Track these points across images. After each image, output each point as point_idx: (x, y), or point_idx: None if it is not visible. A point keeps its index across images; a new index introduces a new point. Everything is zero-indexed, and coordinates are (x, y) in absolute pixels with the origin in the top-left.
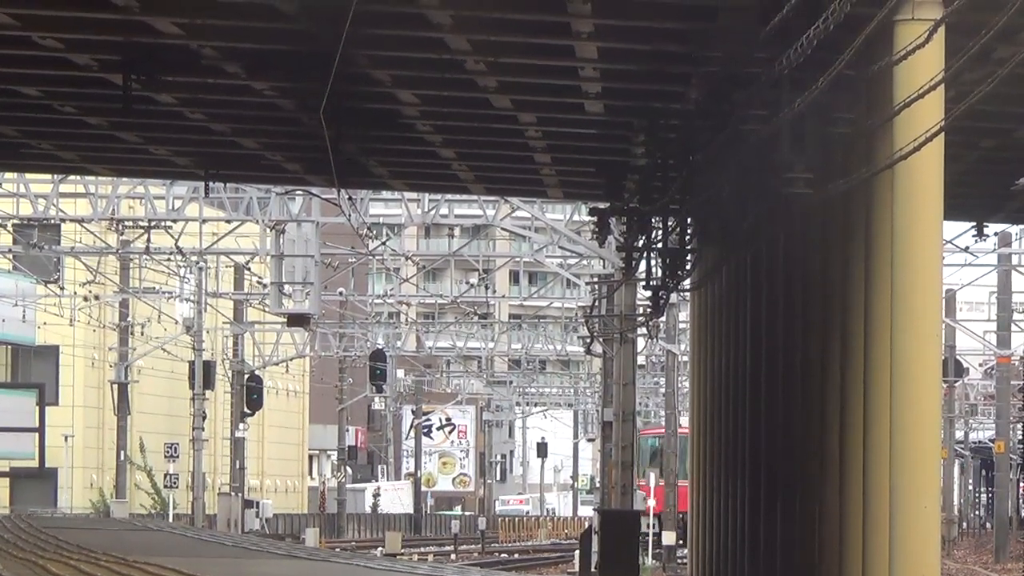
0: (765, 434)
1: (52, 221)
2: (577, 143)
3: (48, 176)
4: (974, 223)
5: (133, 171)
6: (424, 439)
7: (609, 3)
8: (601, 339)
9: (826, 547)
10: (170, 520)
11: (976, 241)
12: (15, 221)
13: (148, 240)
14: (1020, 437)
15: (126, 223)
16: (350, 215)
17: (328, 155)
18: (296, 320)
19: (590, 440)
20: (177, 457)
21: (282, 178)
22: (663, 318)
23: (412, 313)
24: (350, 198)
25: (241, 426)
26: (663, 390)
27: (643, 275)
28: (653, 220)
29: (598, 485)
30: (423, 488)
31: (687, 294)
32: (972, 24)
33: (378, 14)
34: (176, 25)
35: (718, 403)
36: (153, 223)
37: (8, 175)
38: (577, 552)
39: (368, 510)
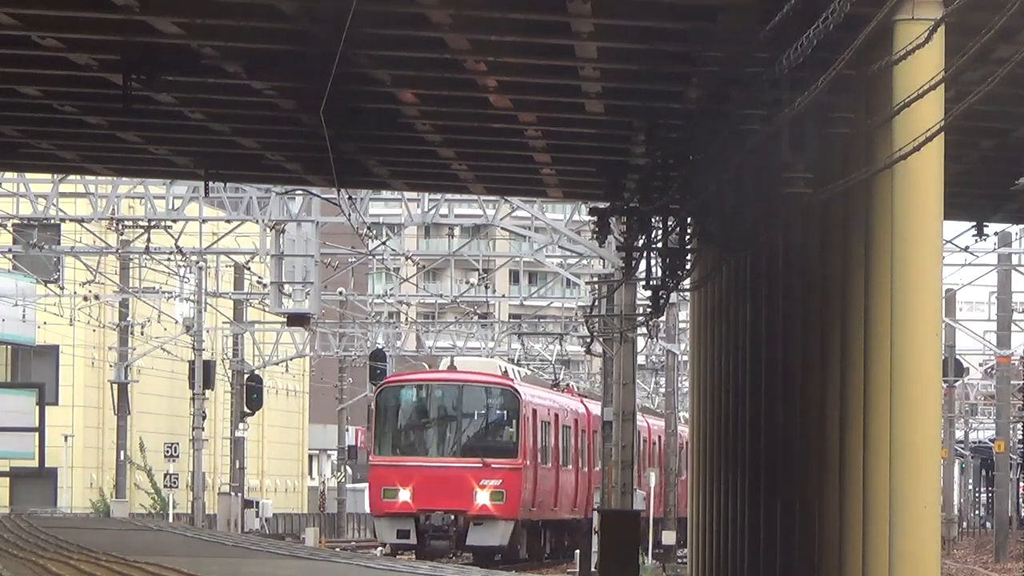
0: (765, 434)
1: (52, 221)
2: (577, 143)
3: (48, 176)
4: (974, 223)
5: (133, 171)
6: None
7: (609, 3)
8: (601, 339)
9: (826, 547)
10: (170, 520)
11: (976, 241)
12: (15, 221)
13: (148, 240)
14: (1020, 437)
15: (126, 223)
16: (350, 215)
17: (328, 155)
18: (296, 320)
19: None
20: (177, 457)
21: (282, 178)
22: (663, 318)
23: (412, 313)
24: (350, 198)
25: (241, 426)
26: (663, 390)
27: (643, 275)
28: (653, 220)
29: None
30: None
31: (687, 294)
32: (972, 24)
33: (378, 14)
34: (176, 25)
35: (718, 403)
36: (153, 223)
37: (8, 175)
38: (577, 552)
39: (368, 510)
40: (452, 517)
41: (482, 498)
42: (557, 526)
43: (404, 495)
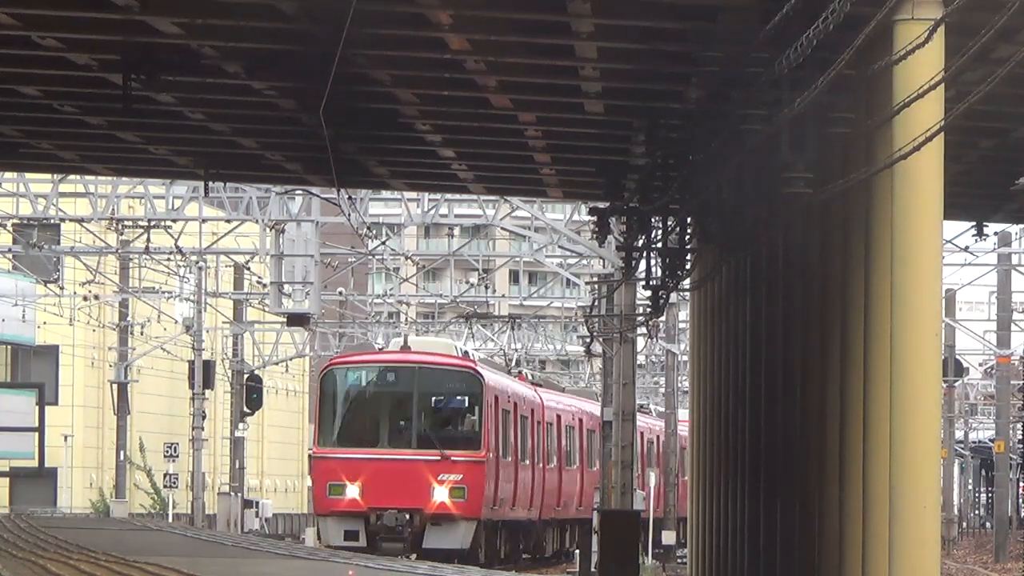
0: (765, 433)
1: (52, 221)
2: (577, 143)
3: (48, 176)
4: (974, 223)
5: (133, 171)
6: None
7: (609, 3)
8: (601, 339)
9: (826, 547)
10: (170, 520)
11: (976, 241)
12: (15, 221)
13: (148, 240)
14: (1020, 437)
15: (126, 223)
16: (350, 215)
17: (328, 155)
18: (296, 320)
19: None
20: (177, 457)
21: (282, 178)
22: (663, 318)
23: (412, 313)
24: (350, 198)
25: (241, 426)
26: (663, 390)
27: (643, 275)
28: (653, 220)
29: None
30: None
31: (687, 294)
32: (972, 24)
33: (378, 14)
34: (176, 25)
35: (718, 403)
36: (153, 223)
37: (8, 175)
38: (577, 552)
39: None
40: (407, 516)
41: (440, 495)
42: (513, 528)
43: (352, 491)
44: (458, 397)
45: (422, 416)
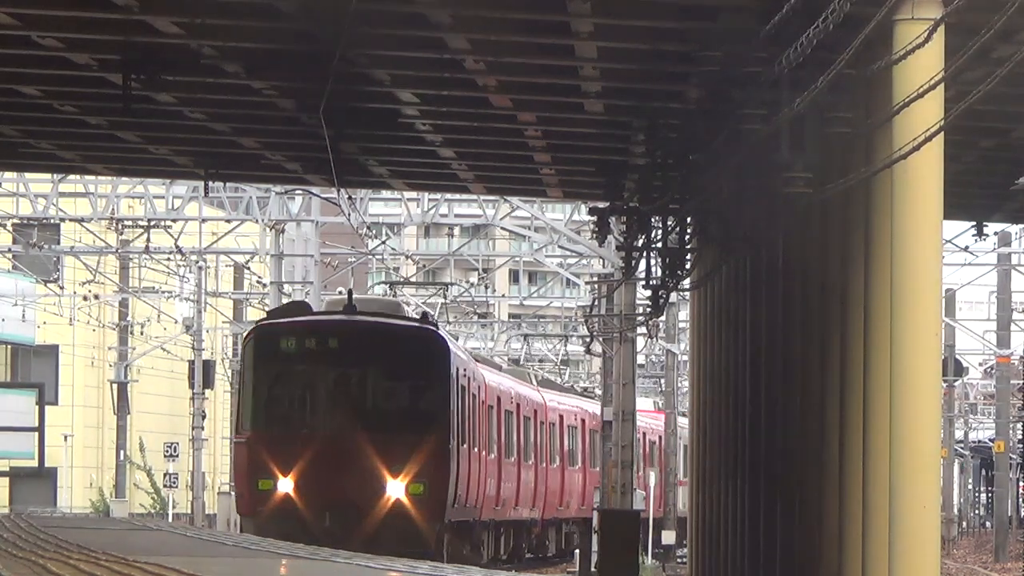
0: (765, 434)
1: (52, 221)
2: (577, 143)
3: (48, 176)
4: (974, 223)
5: (133, 171)
6: None
7: (609, 3)
8: (601, 339)
9: (826, 547)
10: (170, 520)
11: (976, 241)
12: (15, 221)
13: (148, 240)
14: (1020, 437)
15: (126, 223)
16: (350, 215)
17: (328, 155)
18: None
19: None
20: (177, 457)
21: (282, 178)
22: (663, 318)
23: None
24: (350, 198)
25: None
26: (663, 390)
27: (643, 275)
28: (653, 220)
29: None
30: None
31: (687, 294)
32: (972, 24)
33: (378, 14)
34: (176, 25)
35: (718, 403)
36: (153, 223)
37: (8, 175)
38: (577, 552)
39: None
40: (353, 517)
41: (395, 490)
42: (457, 528)
43: (284, 486)
44: (418, 368)
45: (372, 392)
